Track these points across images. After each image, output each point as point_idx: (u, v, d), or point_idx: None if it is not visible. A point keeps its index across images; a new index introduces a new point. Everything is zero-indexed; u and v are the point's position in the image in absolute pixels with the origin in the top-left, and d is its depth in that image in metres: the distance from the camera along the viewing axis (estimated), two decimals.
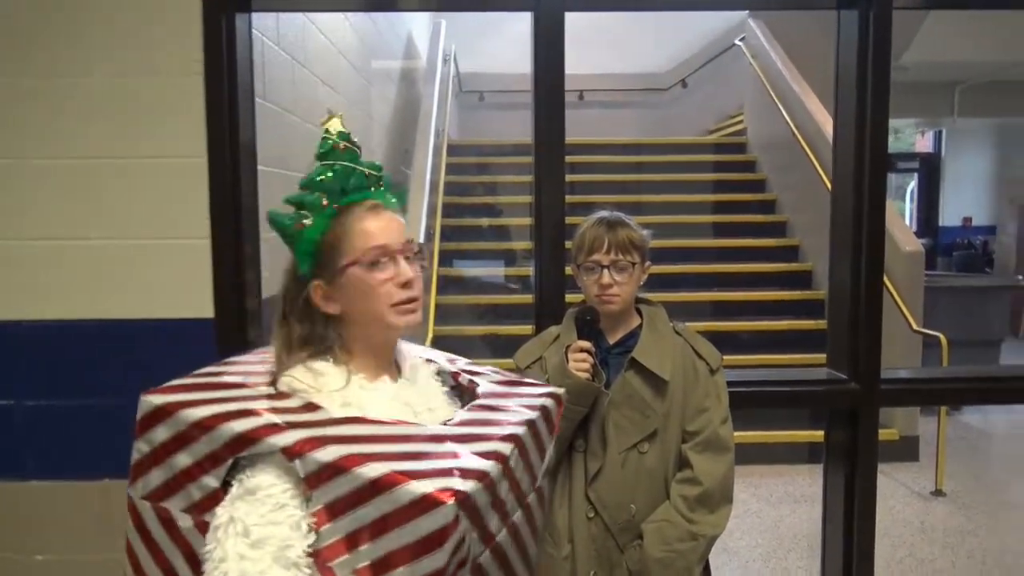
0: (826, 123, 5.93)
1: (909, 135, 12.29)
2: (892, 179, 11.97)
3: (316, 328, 1.27)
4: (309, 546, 1.06)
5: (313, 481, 1.05)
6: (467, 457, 1.09)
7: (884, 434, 4.94)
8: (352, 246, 1.25)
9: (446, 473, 1.03)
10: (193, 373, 1.27)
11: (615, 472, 1.73)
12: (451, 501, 0.99)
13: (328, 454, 1.05)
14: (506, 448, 1.15)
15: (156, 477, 1.17)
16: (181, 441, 1.14)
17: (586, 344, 1.69)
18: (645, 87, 10.33)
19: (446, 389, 1.38)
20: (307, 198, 1.26)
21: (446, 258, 6.31)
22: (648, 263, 1.81)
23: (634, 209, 6.99)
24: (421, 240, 3.69)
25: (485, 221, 7.20)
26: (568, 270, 1.94)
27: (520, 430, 1.22)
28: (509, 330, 5.64)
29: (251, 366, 1.29)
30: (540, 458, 1.29)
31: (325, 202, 1.25)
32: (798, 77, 6.80)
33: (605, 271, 1.74)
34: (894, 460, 4.96)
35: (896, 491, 4.61)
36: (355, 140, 1.30)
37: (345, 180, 1.27)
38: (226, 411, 1.13)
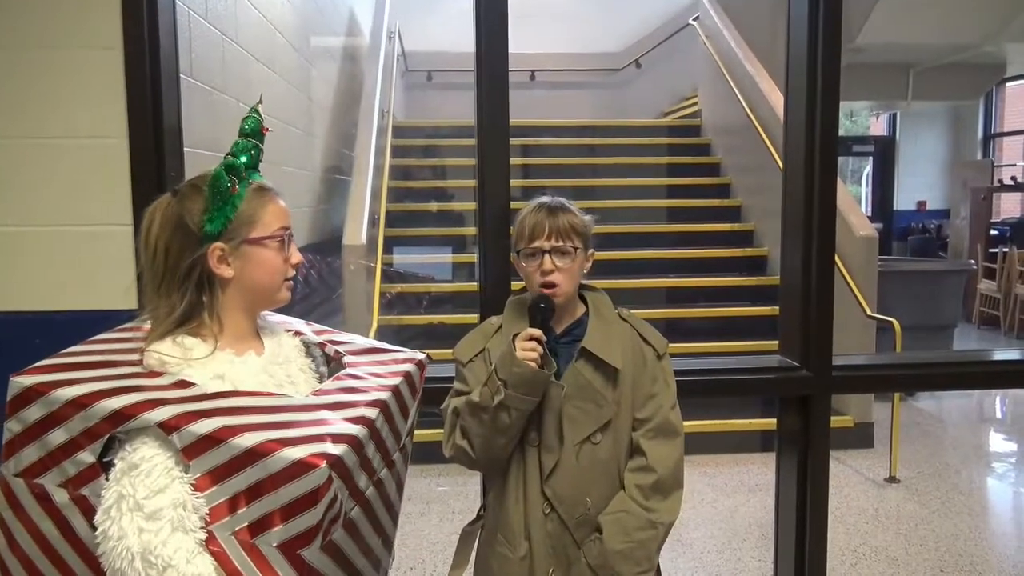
0: (780, 105, 5.99)
1: (864, 118, 12.54)
2: (849, 163, 12.21)
3: (194, 296, 1.36)
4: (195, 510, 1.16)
5: (191, 452, 1.16)
6: (338, 423, 1.23)
7: (838, 421, 5.04)
8: (265, 222, 1.39)
9: (319, 439, 1.16)
10: (60, 353, 1.35)
11: (570, 466, 1.73)
12: (323, 464, 1.12)
13: (204, 427, 1.16)
14: (372, 413, 1.30)
15: (29, 455, 1.24)
16: (55, 420, 1.22)
17: (536, 332, 1.68)
18: (599, 67, 10.36)
19: (311, 359, 1.53)
20: (238, 165, 1.39)
21: (390, 244, 6.25)
22: (591, 251, 1.80)
23: (587, 193, 7.06)
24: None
25: (433, 206, 7.16)
26: (512, 257, 1.92)
27: (385, 395, 1.38)
28: (455, 319, 5.63)
29: (118, 344, 1.38)
30: (404, 419, 1.46)
31: (244, 173, 1.39)
32: (752, 58, 6.88)
33: (546, 257, 1.73)
34: (849, 447, 5.07)
35: (850, 478, 4.71)
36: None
37: (256, 159, 1.43)
38: (101, 389, 1.23)
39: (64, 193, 2.07)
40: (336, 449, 1.15)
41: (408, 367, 1.52)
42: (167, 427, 1.16)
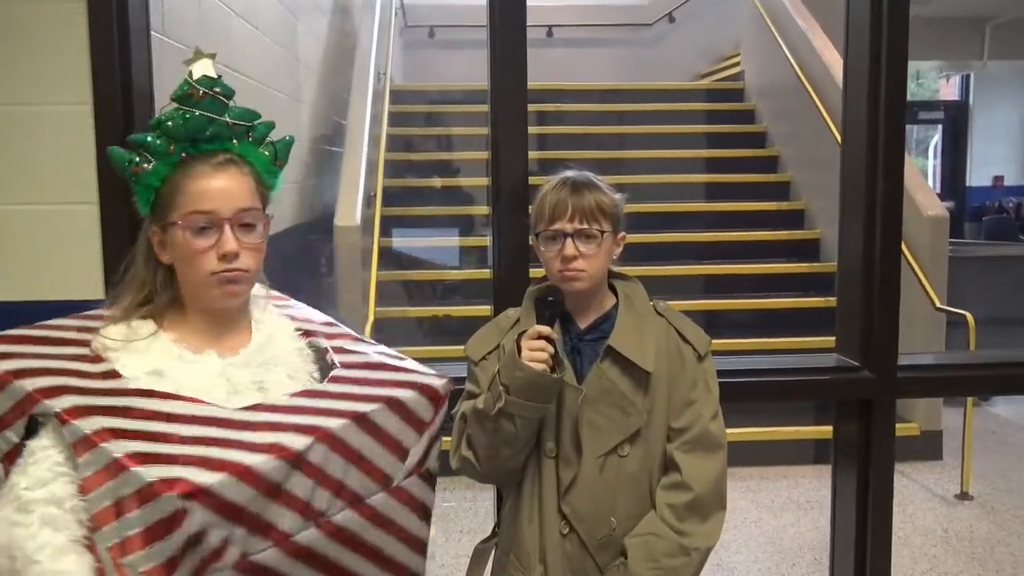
0: (836, 65, 5.97)
1: (932, 80, 12.45)
2: (914, 132, 12.13)
3: (157, 277, 1.42)
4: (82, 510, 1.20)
5: (78, 449, 1.21)
6: (232, 447, 1.21)
7: (903, 429, 5.02)
8: (181, 203, 1.38)
9: (191, 462, 1.17)
10: (35, 324, 1.43)
11: (592, 480, 1.73)
12: (172, 493, 1.13)
13: (88, 425, 1.21)
14: (300, 442, 1.26)
15: None
16: None
17: (545, 330, 1.67)
18: (626, 22, 10.32)
19: (313, 365, 1.51)
20: (151, 141, 1.39)
21: (389, 225, 6.26)
22: (622, 233, 1.80)
23: (613, 167, 7.05)
24: (264, 208, 3.67)
25: (437, 181, 7.17)
26: (531, 239, 1.92)
27: (335, 424, 1.32)
28: (464, 311, 5.64)
29: (85, 322, 1.43)
30: (392, 454, 1.40)
31: (172, 147, 1.39)
32: (803, 11, 6.83)
33: (568, 241, 1.72)
34: (914, 459, 5.05)
35: (916, 494, 4.70)
36: (221, 87, 1.42)
37: (199, 129, 1.40)
38: (30, 368, 1.31)
39: (18, 168, 2.07)
40: (204, 478, 1.15)
41: (401, 393, 1.44)
42: (62, 419, 1.23)
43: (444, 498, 4.52)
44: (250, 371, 1.41)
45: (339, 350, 1.52)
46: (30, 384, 1.28)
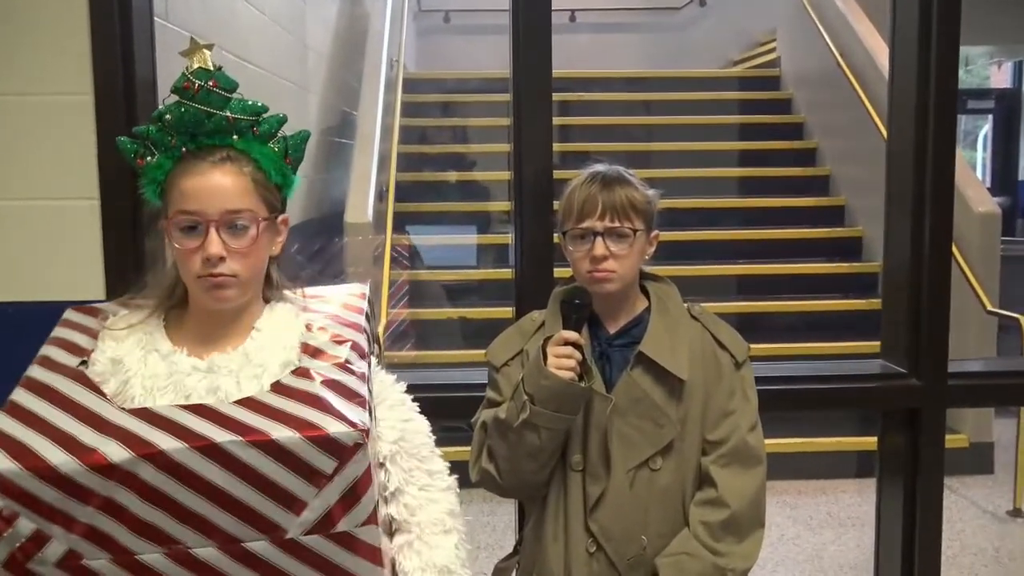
0: (880, 51, 5.94)
1: (982, 67, 12.35)
2: (962, 123, 12.04)
3: (174, 273, 1.47)
4: None
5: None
6: (60, 443, 1.27)
7: (951, 440, 4.95)
8: (172, 201, 1.42)
9: (8, 446, 1.27)
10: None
11: (622, 495, 1.73)
12: None
13: (14, 394, 1.36)
14: (113, 452, 1.26)
15: None
16: None
17: (572, 335, 1.67)
18: (653, 6, 10.29)
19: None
20: (154, 133, 1.42)
21: (402, 222, 6.28)
22: (656, 231, 1.80)
23: (641, 160, 7.03)
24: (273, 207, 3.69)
25: (453, 175, 7.17)
26: (557, 238, 1.92)
27: (170, 444, 1.27)
28: (482, 313, 5.64)
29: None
30: (271, 499, 1.30)
31: (173, 141, 1.41)
32: None
33: (598, 240, 1.72)
34: (963, 473, 5.02)
35: (966, 511, 4.67)
36: (221, 80, 1.43)
37: (196, 124, 1.41)
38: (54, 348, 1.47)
39: (15, 161, 2.09)
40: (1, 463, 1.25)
41: (282, 433, 1.29)
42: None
43: (461, 511, 4.51)
44: (211, 379, 1.39)
45: (302, 373, 1.41)
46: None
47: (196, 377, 1.40)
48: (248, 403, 1.34)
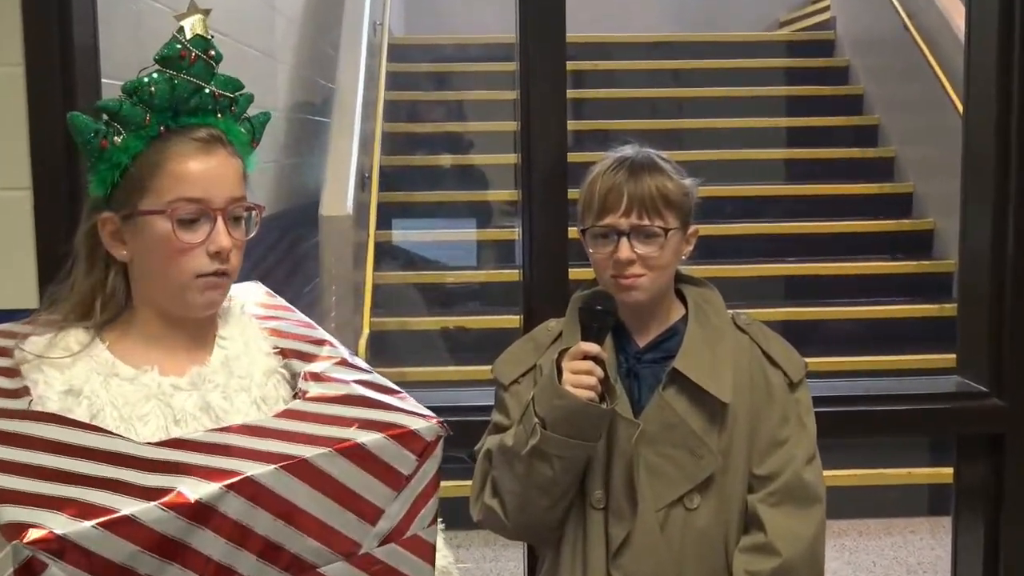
0: (955, 11, 5.94)
1: None
2: None
3: (110, 277, 1.44)
4: None
5: None
6: (120, 491, 1.21)
7: None
8: (161, 188, 1.39)
9: (60, 505, 1.17)
10: None
11: (651, 538, 1.73)
12: (18, 541, 1.13)
13: None
14: (203, 490, 1.23)
15: None
16: None
17: (592, 347, 1.67)
18: None
19: (289, 392, 1.51)
20: (126, 109, 1.39)
21: (387, 215, 6.28)
22: (694, 227, 1.80)
23: (670, 140, 7.02)
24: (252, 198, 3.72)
25: (448, 159, 7.18)
26: (574, 232, 1.92)
27: (259, 470, 1.28)
28: (483, 322, 5.64)
29: (22, 329, 1.47)
30: (352, 512, 1.35)
31: (148, 119, 1.39)
32: None
33: (623, 241, 1.71)
34: None
35: None
36: (215, 51, 1.45)
37: (184, 99, 1.41)
38: None
39: None
40: (64, 526, 1.15)
41: (368, 436, 1.38)
42: None
43: (459, 557, 4.51)
44: (199, 395, 1.42)
45: (316, 376, 1.50)
46: None
47: (181, 396, 1.41)
48: (291, 415, 1.40)
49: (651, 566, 1.73)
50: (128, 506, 1.19)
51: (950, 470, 2.50)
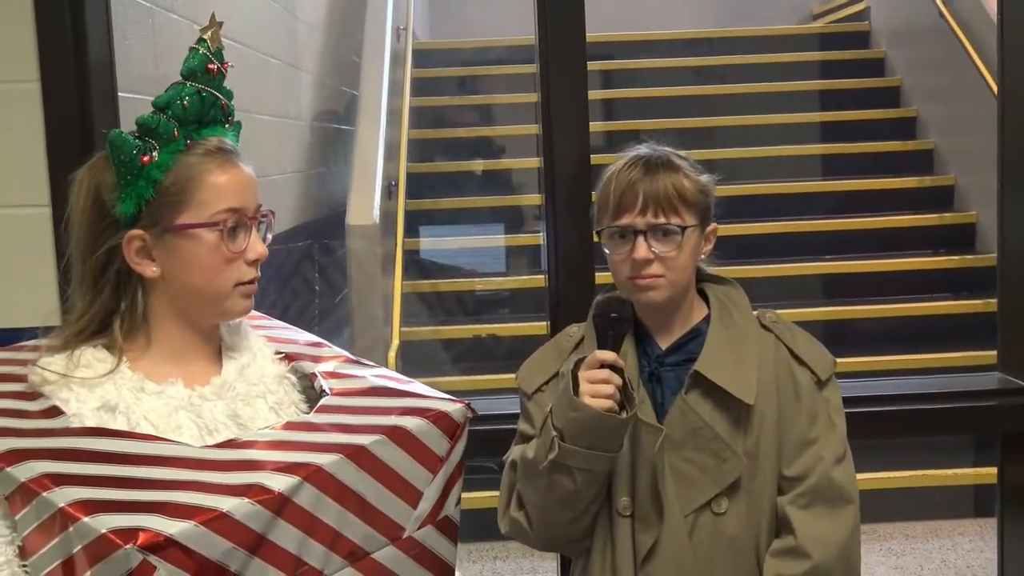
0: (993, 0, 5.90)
1: None
2: None
3: (112, 298, 1.45)
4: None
5: (14, 503, 1.26)
6: (202, 490, 1.24)
7: None
8: (202, 201, 1.43)
9: (152, 508, 1.20)
10: None
11: (679, 545, 1.73)
12: (130, 545, 1.14)
13: (25, 471, 1.25)
14: (280, 482, 1.28)
15: None
16: None
17: (608, 355, 1.67)
18: None
19: (299, 395, 1.58)
20: (162, 123, 1.41)
21: (416, 223, 6.30)
22: (712, 224, 1.79)
23: (701, 138, 7.01)
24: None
25: (476, 165, 7.19)
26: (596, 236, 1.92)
27: (326, 459, 1.34)
28: (514, 329, 5.65)
29: (18, 354, 1.51)
30: (401, 497, 1.43)
31: (176, 132, 1.42)
32: None
33: (640, 240, 1.71)
34: None
35: None
36: (227, 63, 1.49)
37: (205, 111, 1.46)
38: None
39: None
40: (168, 527, 1.17)
41: (407, 421, 1.46)
42: None
43: (496, 569, 4.53)
44: (224, 404, 1.47)
45: (331, 375, 1.58)
46: None
47: (209, 406, 1.45)
48: (329, 410, 1.47)
49: (680, 572, 1.73)
50: (222, 503, 1.22)
51: (993, 470, 2.48)
